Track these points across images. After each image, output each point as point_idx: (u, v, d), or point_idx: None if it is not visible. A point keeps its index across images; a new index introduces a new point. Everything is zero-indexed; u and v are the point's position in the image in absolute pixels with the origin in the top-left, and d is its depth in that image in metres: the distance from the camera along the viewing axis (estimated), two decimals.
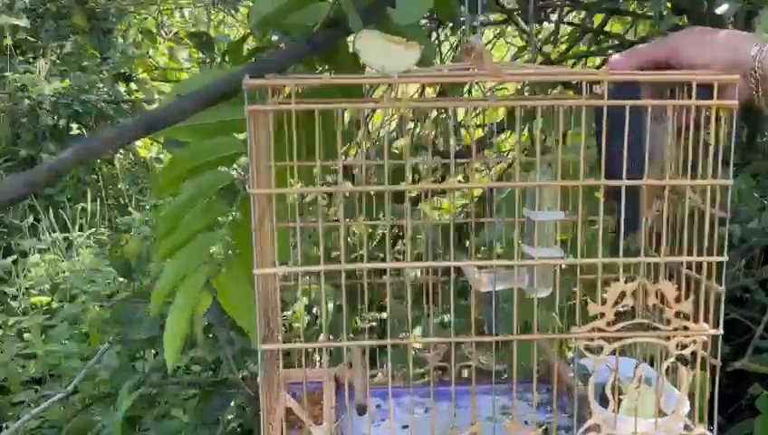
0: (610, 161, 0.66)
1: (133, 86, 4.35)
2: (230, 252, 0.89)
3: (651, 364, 0.73)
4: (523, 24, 1.89)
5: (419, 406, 0.87)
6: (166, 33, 4.30)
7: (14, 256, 3.20)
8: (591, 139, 0.70)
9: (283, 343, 0.73)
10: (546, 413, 0.85)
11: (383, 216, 0.90)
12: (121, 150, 4.02)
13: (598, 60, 1.90)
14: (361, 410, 0.70)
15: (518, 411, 0.82)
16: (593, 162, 0.70)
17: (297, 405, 0.75)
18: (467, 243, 1.14)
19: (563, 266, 0.72)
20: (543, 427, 0.76)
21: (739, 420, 1.59)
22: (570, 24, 2.00)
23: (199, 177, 0.87)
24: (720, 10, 1.31)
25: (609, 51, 1.87)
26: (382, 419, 0.84)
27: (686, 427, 0.68)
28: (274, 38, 0.99)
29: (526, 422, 0.81)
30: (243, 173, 0.88)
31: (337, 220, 0.76)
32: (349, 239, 1.74)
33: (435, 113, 1.82)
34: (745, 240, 1.55)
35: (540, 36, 2.10)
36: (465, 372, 0.86)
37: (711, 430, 0.68)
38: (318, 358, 1.36)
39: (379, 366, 0.92)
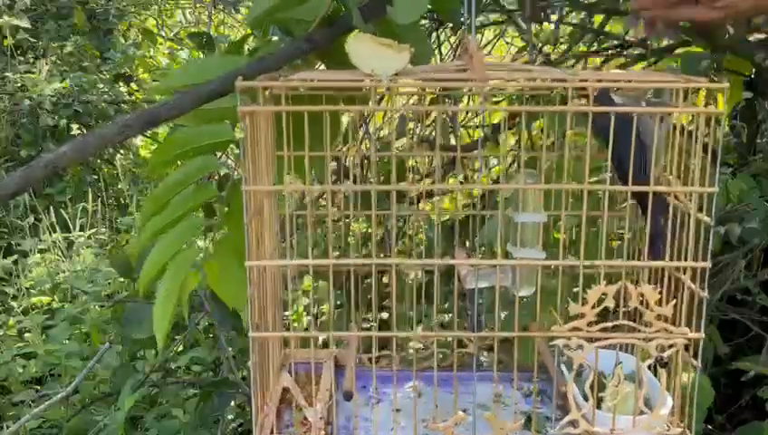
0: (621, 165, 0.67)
1: (134, 86, 4.35)
2: (219, 236, 0.89)
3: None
4: (523, 24, 1.89)
5: (413, 390, 0.88)
6: (166, 34, 4.30)
7: (15, 256, 3.20)
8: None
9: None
10: (541, 404, 0.87)
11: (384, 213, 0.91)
12: (122, 150, 4.02)
13: (598, 60, 1.90)
14: (348, 397, 0.74)
15: (510, 401, 0.85)
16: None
17: (294, 385, 0.77)
18: (467, 243, 1.14)
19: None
20: (527, 416, 0.79)
21: (739, 421, 1.59)
22: (570, 24, 1.99)
23: (190, 160, 0.86)
24: None
25: (609, 51, 1.87)
26: (378, 401, 0.86)
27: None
28: (275, 38, 0.99)
29: (515, 412, 0.83)
30: (233, 163, 0.88)
31: (339, 220, 0.77)
32: (350, 239, 1.74)
33: (435, 114, 1.82)
34: (745, 241, 1.54)
35: (540, 37, 2.10)
36: (466, 359, 0.88)
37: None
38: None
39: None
